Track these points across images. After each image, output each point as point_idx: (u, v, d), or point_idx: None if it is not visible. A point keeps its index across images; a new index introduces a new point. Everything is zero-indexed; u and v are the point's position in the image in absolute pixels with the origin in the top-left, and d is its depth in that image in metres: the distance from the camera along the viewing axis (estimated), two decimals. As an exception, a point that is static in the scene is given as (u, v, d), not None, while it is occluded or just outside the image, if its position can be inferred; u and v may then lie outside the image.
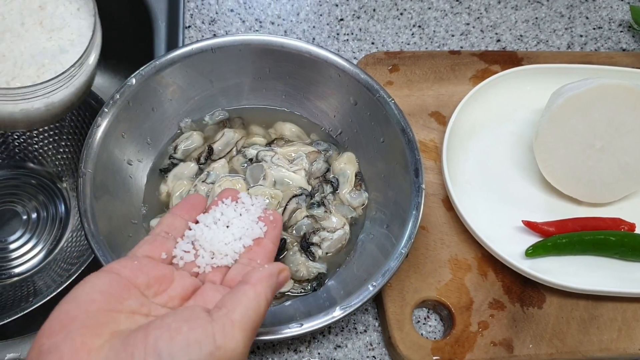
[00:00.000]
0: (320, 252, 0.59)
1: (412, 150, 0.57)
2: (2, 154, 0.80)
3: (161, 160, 0.62)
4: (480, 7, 0.83)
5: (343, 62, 0.60)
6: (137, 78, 0.57)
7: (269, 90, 0.64)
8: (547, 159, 0.65)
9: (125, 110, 0.57)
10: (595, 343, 0.59)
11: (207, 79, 0.62)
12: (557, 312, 0.61)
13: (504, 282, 0.62)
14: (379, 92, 0.59)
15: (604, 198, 0.67)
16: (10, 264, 0.76)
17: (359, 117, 0.62)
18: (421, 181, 0.55)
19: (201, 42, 0.59)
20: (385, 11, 0.81)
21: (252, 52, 0.60)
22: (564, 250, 0.63)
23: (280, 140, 0.64)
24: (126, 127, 0.58)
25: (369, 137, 0.62)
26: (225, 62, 0.61)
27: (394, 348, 0.57)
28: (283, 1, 0.80)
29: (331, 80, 0.61)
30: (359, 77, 0.59)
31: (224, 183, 0.59)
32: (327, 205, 0.60)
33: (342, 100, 0.62)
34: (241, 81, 0.64)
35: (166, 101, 0.61)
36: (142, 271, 0.38)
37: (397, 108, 0.58)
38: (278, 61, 0.61)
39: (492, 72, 0.73)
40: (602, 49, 0.82)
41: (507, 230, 0.64)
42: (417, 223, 0.54)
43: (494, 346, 0.58)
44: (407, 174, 0.56)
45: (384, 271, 0.52)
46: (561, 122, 0.64)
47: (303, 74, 0.62)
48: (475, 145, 0.69)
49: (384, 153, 0.60)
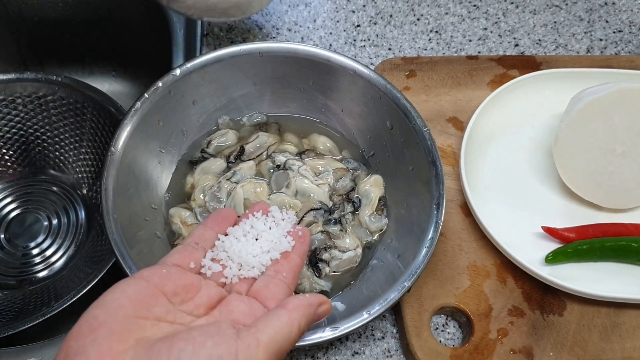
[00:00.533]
0: (328, 269, 0.58)
1: (439, 184, 0.55)
2: (23, 161, 0.81)
3: (193, 152, 0.64)
4: (498, 12, 0.83)
5: (386, 83, 0.59)
6: (181, 70, 0.59)
7: (310, 101, 0.64)
8: (566, 164, 0.64)
9: (165, 98, 0.58)
10: (617, 351, 0.58)
11: (251, 81, 0.63)
12: (578, 320, 0.60)
13: (523, 288, 0.61)
14: (416, 120, 0.58)
15: (625, 204, 0.66)
16: (32, 269, 0.78)
17: (393, 142, 0.61)
18: (440, 216, 0.54)
19: (250, 45, 0.60)
20: (402, 17, 0.81)
21: (297, 62, 0.61)
22: (584, 257, 0.62)
23: (312, 152, 0.64)
24: (164, 114, 0.59)
25: (399, 163, 0.61)
26: (271, 68, 0.62)
27: (412, 355, 0.57)
28: (300, 8, 0.80)
29: (371, 100, 0.61)
30: (399, 101, 0.59)
31: (247, 185, 0.59)
32: (344, 224, 0.60)
33: (379, 122, 0.62)
34: (284, 88, 0.64)
35: (207, 96, 0.62)
36: (170, 279, 0.39)
37: (430, 138, 0.57)
38: (321, 74, 0.61)
39: (510, 77, 0.72)
40: (622, 52, 0.81)
41: (527, 236, 0.64)
42: (427, 259, 0.52)
43: (513, 354, 0.58)
44: (428, 206, 0.55)
45: (382, 300, 0.50)
46: (581, 126, 0.63)
47: (345, 90, 0.62)
48: (493, 151, 0.69)
49: (411, 182, 0.59)
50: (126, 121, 0.56)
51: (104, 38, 0.88)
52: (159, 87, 0.58)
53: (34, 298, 0.74)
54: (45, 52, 0.90)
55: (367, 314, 0.49)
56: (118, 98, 0.80)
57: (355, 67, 0.60)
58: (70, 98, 0.76)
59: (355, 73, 0.60)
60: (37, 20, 0.84)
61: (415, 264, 0.52)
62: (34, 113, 0.78)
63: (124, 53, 0.90)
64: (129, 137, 0.56)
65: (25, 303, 0.73)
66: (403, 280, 0.51)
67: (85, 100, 0.76)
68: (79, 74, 0.93)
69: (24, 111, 0.78)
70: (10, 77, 0.75)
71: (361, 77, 0.60)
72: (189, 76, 0.59)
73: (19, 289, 0.76)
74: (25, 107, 0.77)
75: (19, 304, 0.73)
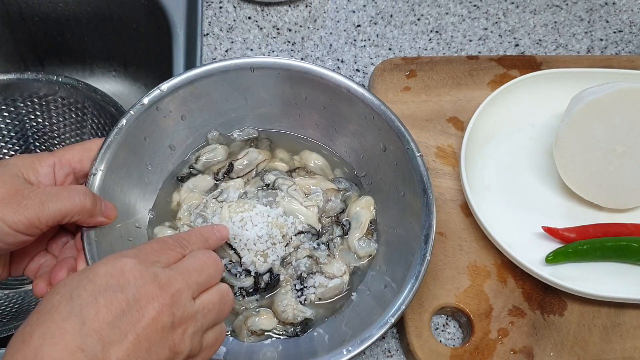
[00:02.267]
0: (313, 296, 0.57)
1: (429, 214, 0.53)
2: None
3: (182, 168, 0.62)
4: (498, 12, 0.83)
5: (380, 104, 0.58)
6: (168, 86, 0.57)
7: (304, 117, 0.63)
8: (567, 164, 0.64)
9: (151, 115, 0.56)
10: (618, 351, 0.58)
11: (242, 96, 0.61)
12: (578, 320, 0.60)
13: (524, 288, 0.61)
14: (410, 144, 0.56)
15: (625, 204, 0.66)
16: (32, 269, 0.77)
17: (386, 165, 0.59)
18: (428, 250, 0.52)
19: (241, 59, 0.58)
20: (402, 17, 0.81)
21: (291, 78, 0.59)
22: (585, 257, 0.62)
23: (302, 170, 0.62)
24: (151, 130, 0.58)
25: (391, 187, 0.59)
26: (263, 83, 0.60)
27: (413, 355, 0.57)
28: (300, 8, 0.80)
29: (365, 120, 0.59)
30: (393, 123, 0.57)
31: (233, 206, 0.57)
32: (332, 249, 0.58)
33: (373, 143, 0.60)
34: (276, 104, 0.62)
35: (197, 111, 0.60)
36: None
37: (423, 165, 0.55)
38: (316, 91, 0.60)
39: (510, 77, 0.72)
40: (622, 52, 0.81)
41: (527, 236, 0.64)
42: (412, 294, 0.50)
43: (514, 354, 0.58)
44: (417, 237, 0.54)
45: (363, 338, 0.48)
46: (581, 127, 0.63)
47: (339, 108, 0.60)
48: (494, 151, 0.69)
49: (402, 208, 0.58)
50: (110, 139, 0.54)
51: (104, 38, 0.88)
52: (144, 104, 0.55)
53: (34, 298, 0.74)
54: (45, 52, 0.90)
55: (346, 351, 0.48)
56: (118, 98, 0.81)
57: (349, 85, 0.58)
58: (71, 98, 0.76)
59: (349, 92, 0.58)
60: (37, 20, 0.84)
61: (398, 300, 0.50)
62: (34, 113, 0.78)
63: (124, 53, 0.90)
64: (113, 156, 0.53)
65: (25, 303, 0.73)
66: (387, 317, 0.49)
67: (85, 100, 0.76)
68: (79, 74, 0.93)
69: (24, 111, 0.78)
70: (10, 77, 0.75)
71: (355, 96, 0.58)
72: (176, 92, 0.57)
73: (19, 289, 0.76)
74: (26, 107, 0.77)
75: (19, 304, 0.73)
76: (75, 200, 0.45)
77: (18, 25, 0.85)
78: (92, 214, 0.47)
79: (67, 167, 0.49)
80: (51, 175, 0.48)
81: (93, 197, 0.47)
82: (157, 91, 0.56)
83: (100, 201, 0.48)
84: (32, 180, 0.46)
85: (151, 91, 0.56)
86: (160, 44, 0.80)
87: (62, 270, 0.48)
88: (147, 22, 0.83)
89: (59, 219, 0.44)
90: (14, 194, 0.43)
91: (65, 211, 0.44)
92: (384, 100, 0.70)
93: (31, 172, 0.46)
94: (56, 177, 0.48)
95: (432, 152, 0.68)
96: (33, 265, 0.50)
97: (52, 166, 0.48)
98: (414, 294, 0.50)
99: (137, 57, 0.90)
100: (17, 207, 0.42)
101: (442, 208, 0.65)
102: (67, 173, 0.49)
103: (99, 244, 0.50)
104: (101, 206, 0.48)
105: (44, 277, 0.48)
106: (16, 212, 0.42)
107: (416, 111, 0.70)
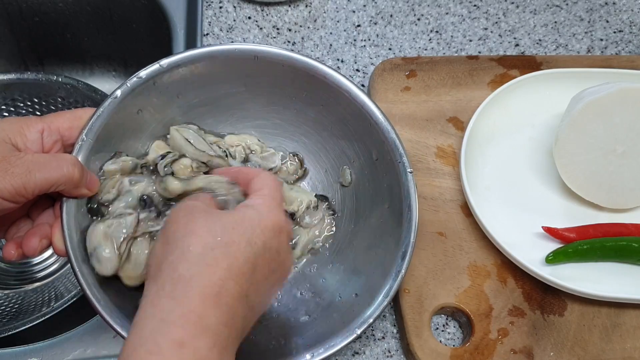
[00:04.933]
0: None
1: (409, 232, 0.53)
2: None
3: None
4: (499, 12, 0.83)
5: (379, 114, 0.56)
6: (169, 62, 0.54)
7: (299, 112, 0.61)
8: (567, 164, 0.64)
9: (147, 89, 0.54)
10: (618, 351, 0.58)
11: (242, 83, 0.59)
12: (578, 320, 0.60)
13: (524, 289, 0.61)
14: (402, 158, 0.55)
15: (625, 204, 0.66)
16: (32, 269, 0.78)
17: (375, 174, 0.58)
18: (402, 267, 0.51)
19: (246, 45, 0.56)
20: (402, 17, 0.81)
21: (293, 71, 0.57)
22: (585, 257, 0.62)
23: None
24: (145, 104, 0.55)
25: (377, 198, 0.59)
26: (265, 72, 0.58)
27: (412, 355, 0.57)
28: (300, 8, 0.80)
29: (362, 126, 0.58)
30: (389, 134, 0.56)
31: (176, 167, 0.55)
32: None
33: (365, 150, 0.59)
34: (274, 94, 0.61)
35: (192, 90, 0.58)
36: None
37: (412, 180, 0.55)
38: (317, 88, 0.58)
39: (510, 77, 0.72)
40: (623, 52, 0.81)
41: (527, 236, 0.64)
42: (381, 309, 0.50)
43: (514, 354, 0.58)
44: (394, 253, 0.53)
45: (328, 346, 0.49)
46: (581, 127, 0.63)
47: (337, 109, 0.59)
48: (494, 151, 0.69)
49: (385, 220, 0.57)
50: (102, 109, 0.51)
51: (104, 38, 0.88)
52: (141, 77, 0.53)
53: (35, 298, 0.74)
54: (45, 52, 0.90)
55: (309, 356, 0.48)
56: (118, 98, 0.80)
57: (351, 89, 0.57)
58: (70, 98, 0.76)
59: (350, 95, 0.57)
60: (37, 20, 0.84)
61: (369, 311, 0.50)
62: (34, 113, 0.78)
63: (124, 53, 0.90)
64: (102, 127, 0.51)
65: (26, 303, 0.73)
66: (354, 326, 0.49)
67: (85, 100, 0.76)
68: (79, 74, 0.93)
69: (24, 111, 0.78)
70: (10, 77, 0.75)
71: (356, 101, 0.57)
72: (176, 69, 0.55)
73: (19, 289, 0.76)
74: (26, 107, 0.77)
75: (18, 304, 0.73)
76: (63, 170, 0.44)
77: (18, 25, 0.84)
78: (77, 185, 0.46)
79: (55, 134, 0.48)
80: (39, 142, 0.46)
81: (81, 168, 0.46)
82: (157, 66, 0.54)
83: (87, 173, 0.48)
84: (20, 145, 0.45)
85: (149, 65, 0.54)
86: (160, 44, 0.80)
87: (34, 237, 0.47)
88: (147, 22, 0.83)
89: (46, 188, 0.43)
90: (0, 160, 0.42)
91: (53, 181, 0.43)
92: (384, 100, 0.71)
93: (19, 137, 0.45)
94: (44, 144, 0.47)
95: (432, 152, 0.68)
96: (13, 229, 0.49)
97: (41, 132, 0.46)
98: (383, 308, 0.50)
99: (137, 57, 0.90)
100: (4, 175, 0.41)
101: (442, 208, 0.65)
102: (55, 140, 0.48)
103: (77, 214, 0.49)
104: (87, 178, 0.47)
105: (15, 242, 0.48)
106: (2, 180, 0.41)
107: (416, 111, 0.70)
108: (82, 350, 0.57)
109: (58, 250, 0.47)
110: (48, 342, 0.57)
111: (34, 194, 0.43)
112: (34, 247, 0.47)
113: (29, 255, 0.48)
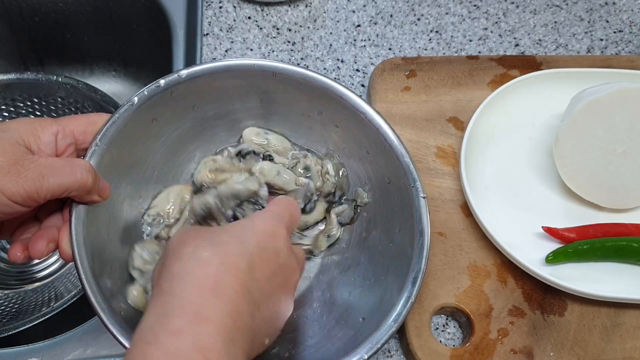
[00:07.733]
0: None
1: (421, 257, 0.51)
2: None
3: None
4: (499, 12, 0.83)
5: (394, 137, 0.55)
6: (188, 73, 0.54)
7: (314, 131, 0.61)
8: (567, 164, 0.64)
9: (164, 98, 0.54)
10: (618, 351, 0.58)
11: (259, 98, 0.59)
12: (578, 320, 0.60)
13: (524, 289, 0.61)
14: (416, 182, 0.54)
15: (625, 204, 0.66)
16: (32, 268, 0.78)
17: (387, 197, 0.58)
18: (413, 293, 0.50)
19: (265, 62, 0.56)
20: (402, 17, 0.81)
21: (311, 90, 0.57)
22: (585, 257, 0.62)
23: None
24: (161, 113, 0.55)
25: (388, 222, 0.58)
26: (282, 89, 0.58)
27: (412, 355, 0.57)
28: (300, 8, 0.80)
29: (376, 148, 0.57)
30: (403, 158, 0.55)
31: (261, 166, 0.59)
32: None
33: (379, 173, 0.58)
34: (290, 112, 0.60)
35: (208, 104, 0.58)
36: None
37: (425, 206, 0.53)
38: (333, 108, 0.58)
39: (510, 77, 0.72)
40: (623, 52, 0.81)
41: (527, 236, 0.64)
42: (390, 334, 0.48)
43: (514, 354, 0.58)
44: (404, 278, 0.52)
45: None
46: (581, 127, 0.63)
47: (352, 130, 0.58)
48: (494, 151, 0.69)
49: (396, 244, 0.56)
50: (117, 115, 0.51)
51: (104, 38, 0.88)
52: (160, 85, 0.53)
53: (34, 298, 0.74)
54: (45, 52, 0.90)
55: None
56: (118, 98, 0.81)
57: (367, 110, 0.56)
58: (70, 98, 0.76)
59: (366, 117, 0.56)
60: (37, 20, 0.84)
61: (377, 336, 0.49)
62: (34, 113, 0.78)
63: (124, 53, 0.90)
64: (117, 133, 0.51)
65: (25, 303, 0.73)
66: (362, 351, 0.48)
67: (85, 100, 0.76)
68: (79, 74, 0.93)
69: (24, 111, 0.78)
70: (10, 77, 0.75)
71: (371, 123, 0.56)
72: (194, 81, 0.54)
73: (19, 289, 0.76)
74: (26, 107, 0.77)
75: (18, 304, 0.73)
76: (77, 176, 0.43)
77: (18, 25, 0.85)
78: (90, 191, 0.46)
79: (70, 137, 0.47)
80: (53, 144, 0.46)
81: (95, 174, 0.46)
82: (175, 76, 0.54)
83: (99, 179, 0.47)
84: (33, 147, 0.44)
85: (168, 75, 0.54)
86: (160, 44, 0.80)
87: (41, 240, 0.47)
88: (147, 22, 0.83)
89: (59, 193, 0.43)
90: (14, 163, 0.41)
91: (66, 187, 0.43)
92: (384, 100, 0.71)
93: (32, 139, 0.44)
94: (57, 147, 0.46)
95: (432, 152, 0.68)
96: (20, 231, 0.49)
97: (55, 134, 0.46)
98: (392, 334, 0.49)
99: (137, 57, 0.90)
100: (17, 178, 0.41)
101: (442, 208, 0.65)
102: (69, 143, 0.47)
103: (86, 221, 0.48)
104: (99, 184, 0.47)
105: (22, 244, 0.47)
106: (15, 183, 0.40)
107: (416, 111, 0.70)
108: (82, 350, 0.57)
109: (65, 255, 0.47)
110: (48, 342, 0.57)
111: (45, 198, 0.42)
112: (40, 250, 0.46)
113: (35, 258, 0.47)
